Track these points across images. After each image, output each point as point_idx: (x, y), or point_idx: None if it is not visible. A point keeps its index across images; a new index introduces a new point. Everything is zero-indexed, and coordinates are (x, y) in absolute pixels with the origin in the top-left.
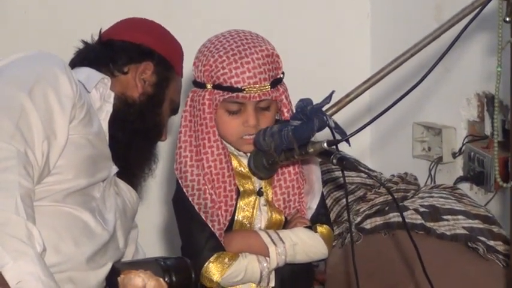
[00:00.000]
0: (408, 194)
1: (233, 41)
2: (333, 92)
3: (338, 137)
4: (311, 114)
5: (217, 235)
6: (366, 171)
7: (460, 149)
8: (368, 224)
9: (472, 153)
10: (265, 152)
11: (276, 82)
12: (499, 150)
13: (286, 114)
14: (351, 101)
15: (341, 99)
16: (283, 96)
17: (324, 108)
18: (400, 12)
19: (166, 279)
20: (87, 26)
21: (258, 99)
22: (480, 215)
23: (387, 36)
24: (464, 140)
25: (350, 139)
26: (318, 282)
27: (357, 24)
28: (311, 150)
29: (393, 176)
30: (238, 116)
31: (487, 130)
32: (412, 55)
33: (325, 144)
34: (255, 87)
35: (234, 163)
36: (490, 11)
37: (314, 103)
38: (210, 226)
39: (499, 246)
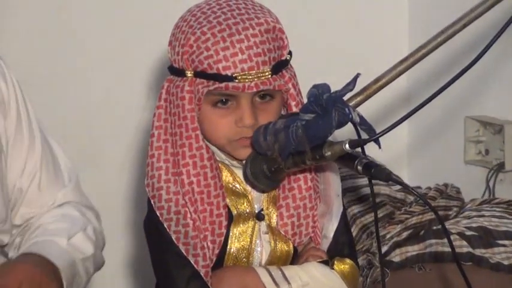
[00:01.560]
0: (450, 213)
1: (221, 11)
2: (357, 76)
3: (365, 136)
4: (328, 105)
5: (202, 274)
6: (403, 182)
7: None
8: (397, 256)
9: None
10: (266, 156)
11: (280, 66)
12: None
13: (294, 108)
14: (382, 87)
15: (369, 85)
16: (290, 85)
17: (345, 97)
18: None
19: None
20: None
21: (255, 89)
22: None
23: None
24: None
25: (381, 139)
26: None
27: None
28: (328, 153)
29: (429, 189)
30: (229, 112)
31: None
32: (464, 26)
33: (348, 146)
34: (250, 74)
35: (226, 177)
36: None
37: (333, 90)
38: (193, 262)
39: None
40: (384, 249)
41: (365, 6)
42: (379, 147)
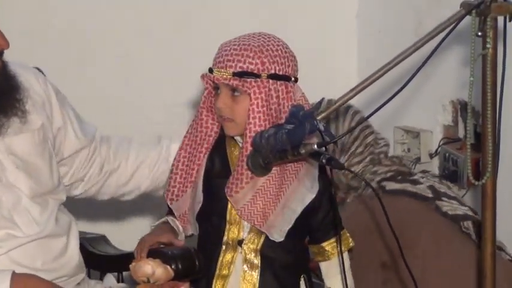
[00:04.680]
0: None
1: (237, 38)
2: (322, 99)
3: (327, 139)
4: (303, 119)
5: None
6: (352, 170)
7: (436, 150)
8: (388, 186)
9: (447, 154)
10: (261, 153)
11: (243, 74)
12: (471, 152)
13: (256, 110)
14: (339, 107)
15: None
16: (252, 91)
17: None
18: (385, 27)
19: (173, 267)
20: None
21: (219, 81)
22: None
23: (373, 48)
24: (440, 142)
25: (337, 141)
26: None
27: (344, 39)
28: (303, 151)
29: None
30: (217, 98)
31: (461, 133)
32: (395, 65)
33: (315, 146)
34: (220, 71)
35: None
36: (464, 26)
37: (306, 109)
38: None
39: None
40: (378, 178)
41: (324, 53)
42: (337, 147)
